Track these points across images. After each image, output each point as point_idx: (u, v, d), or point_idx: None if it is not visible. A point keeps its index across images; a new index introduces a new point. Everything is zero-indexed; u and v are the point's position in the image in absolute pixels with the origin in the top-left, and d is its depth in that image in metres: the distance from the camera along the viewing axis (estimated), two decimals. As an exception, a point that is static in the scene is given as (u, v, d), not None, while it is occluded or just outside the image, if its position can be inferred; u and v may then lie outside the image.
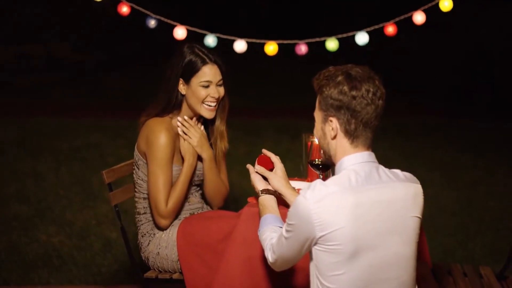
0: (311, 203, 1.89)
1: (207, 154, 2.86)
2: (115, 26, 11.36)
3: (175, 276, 2.82)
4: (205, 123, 2.95)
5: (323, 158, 2.13)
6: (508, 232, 4.58)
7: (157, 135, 2.72)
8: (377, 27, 3.71)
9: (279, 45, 3.67)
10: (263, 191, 2.38)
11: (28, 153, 6.23)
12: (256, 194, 2.42)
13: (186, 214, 2.91)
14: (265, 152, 2.48)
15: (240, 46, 3.68)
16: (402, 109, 8.89)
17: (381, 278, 1.95)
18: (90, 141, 6.74)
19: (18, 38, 11.05)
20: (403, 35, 4.27)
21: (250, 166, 2.47)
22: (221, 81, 2.83)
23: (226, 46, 3.59)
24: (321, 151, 2.16)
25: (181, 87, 2.82)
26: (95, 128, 7.26)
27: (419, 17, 3.73)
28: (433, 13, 3.73)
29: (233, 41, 3.70)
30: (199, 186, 3.00)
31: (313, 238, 1.91)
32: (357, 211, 1.89)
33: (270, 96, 9.78)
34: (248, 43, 3.68)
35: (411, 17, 3.75)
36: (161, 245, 2.81)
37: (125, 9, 3.75)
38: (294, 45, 3.71)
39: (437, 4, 3.70)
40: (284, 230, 1.99)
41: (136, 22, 4.20)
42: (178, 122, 2.83)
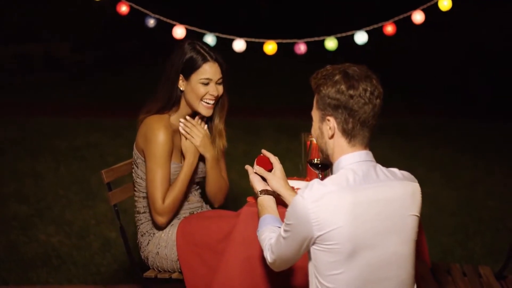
0: (308, 202, 1.89)
1: (210, 154, 2.86)
2: (115, 25, 11.35)
3: (174, 276, 2.83)
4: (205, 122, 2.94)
5: (322, 157, 2.13)
6: (507, 232, 4.58)
7: (155, 132, 2.72)
8: (376, 26, 3.71)
9: (278, 44, 3.67)
10: (262, 191, 2.39)
11: (28, 153, 6.22)
12: (255, 195, 2.43)
13: (186, 213, 2.91)
14: (264, 152, 2.48)
15: (239, 45, 3.68)
16: (402, 109, 8.88)
17: (380, 277, 1.95)
18: (90, 140, 6.73)
19: (18, 38, 11.04)
20: (402, 34, 4.27)
21: (249, 167, 2.47)
22: (220, 80, 2.82)
23: (225, 46, 3.59)
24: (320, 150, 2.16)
25: (181, 83, 2.81)
26: (94, 128, 7.25)
27: (418, 17, 3.74)
28: (432, 12, 3.73)
29: (232, 40, 3.70)
30: (199, 185, 3.00)
31: (311, 238, 1.91)
32: (355, 210, 1.89)
33: (269, 95, 9.77)
34: (247, 42, 3.68)
35: (410, 16, 3.75)
36: (161, 244, 2.81)
37: (124, 8, 3.76)
38: (293, 44, 3.71)
39: (436, 3, 3.70)
40: (282, 230, 1.99)
41: (135, 21, 4.20)
42: (181, 123, 2.82)
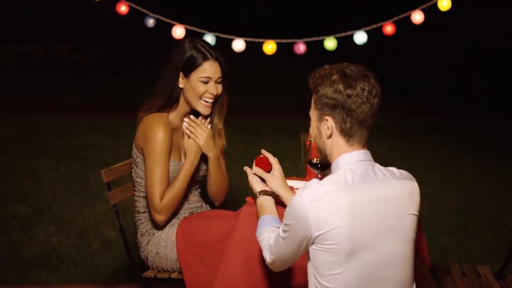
0: (307, 202, 1.89)
1: (213, 153, 2.86)
2: (114, 25, 11.35)
3: (173, 276, 2.83)
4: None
5: (320, 157, 2.13)
6: (507, 232, 4.58)
7: (154, 130, 2.72)
8: (375, 26, 3.71)
9: (278, 44, 3.68)
10: (261, 192, 2.39)
11: (28, 153, 6.22)
12: (254, 195, 2.43)
13: (186, 213, 2.91)
14: (263, 153, 2.48)
15: (239, 45, 3.68)
16: (402, 108, 8.88)
17: (379, 277, 1.95)
18: (90, 140, 6.73)
19: (18, 38, 11.04)
20: (402, 34, 4.27)
21: (247, 168, 2.47)
22: (220, 79, 2.82)
23: (224, 45, 3.59)
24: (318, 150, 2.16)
25: (180, 81, 2.80)
26: (94, 128, 7.25)
27: (417, 17, 3.74)
28: (431, 12, 3.74)
29: (232, 40, 3.70)
30: (199, 184, 3.00)
31: (310, 238, 1.91)
32: (353, 210, 1.89)
33: (268, 95, 9.77)
34: (247, 42, 3.68)
35: (409, 16, 3.75)
36: (160, 244, 2.81)
37: (123, 8, 3.76)
38: (293, 44, 3.71)
39: (436, 3, 3.70)
40: (281, 230, 1.99)
41: (135, 21, 4.20)
42: (185, 122, 2.81)
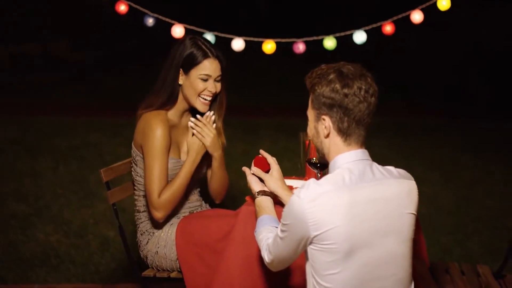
0: (305, 202, 1.89)
1: (218, 153, 2.86)
2: (114, 25, 11.34)
3: (173, 275, 2.83)
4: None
5: (318, 156, 2.13)
6: (506, 231, 4.58)
7: (153, 127, 2.72)
8: (375, 26, 3.71)
9: (277, 43, 3.68)
10: (259, 192, 2.38)
11: (27, 152, 6.22)
12: (253, 195, 2.43)
13: (186, 212, 2.91)
14: (262, 153, 2.48)
15: (238, 44, 3.68)
16: (401, 108, 8.88)
17: (377, 276, 1.95)
18: (89, 140, 6.73)
19: (17, 38, 11.03)
20: (401, 34, 4.27)
21: (246, 168, 2.47)
22: (219, 77, 2.82)
23: (224, 45, 3.59)
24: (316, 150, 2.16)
25: (179, 77, 2.81)
26: (93, 127, 7.25)
27: (417, 16, 3.74)
28: (431, 12, 3.74)
29: (231, 39, 3.70)
30: (199, 183, 3.00)
31: (308, 238, 1.91)
32: (351, 209, 1.89)
33: (268, 94, 9.77)
34: (246, 41, 3.68)
35: (409, 16, 3.75)
36: (160, 244, 2.81)
37: (123, 7, 3.76)
38: (292, 43, 3.71)
39: (435, 3, 3.70)
40: (279, 230, 1.99)
41: (134, 20, 4.20)
42: (191, 123, 2.80)
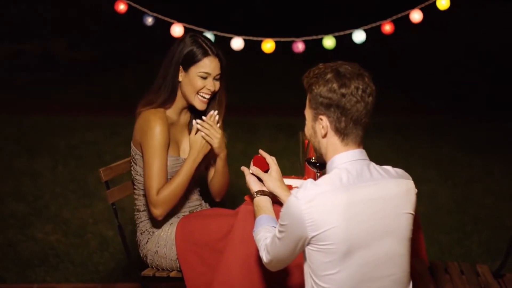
0: (302, 203, 1.88)
1: (224, 153, 2.87)
2: (113, 24, 11.32)
3: (172, 274, 2.83)
4: (200, 117, 2.93)
5: (316, 156, 2.13)
6: (504, 230, 4.58)
7: (152, 124, 2.71)
8: (374, 25, 3.71)
9: (276, 42, 3.67)
10: (258, 192, 2.38)
11: (25, 151, 6.22)
12: (251, 195, 2.42)
13: (186, 212, 2.90)
14: (261, 152, 2.48)
15: (237, 43, 3.68)
16: (401, 107, 8.88)
17: (375, 276, 1.95)
18: (87, 139, 6.72)
19: (15, 36, 11.02)
20: (401, 33, 4.27)
21: (245, 168, 2.46)
22: (219, 75, 2.82)
23: (223, 44, 3.58)
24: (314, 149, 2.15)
25: (179, 74, 2.81)
26: (92, 126, 7.24)
27: (416, 16, 3.74)
28: (430, 11, 3.74)
29: (230, 38, 3.69)
30: (199, 182, 3.00)
31: (306, 238, 1.91)
32: (349, 210, 1.89)
33: (267, 94, 9.76)
34: (245, 40, 3.68)
35: (408, 15, 3.75)
36: (160, 243, 2.81)
37: (122, 6, 3.75)
38: (291, 43, 3.71)
39: (434, 2, 3.70)
40: (277, 230, 1.99)
41: (133, 19, 4.19)
42: (198, 125, 2.77)
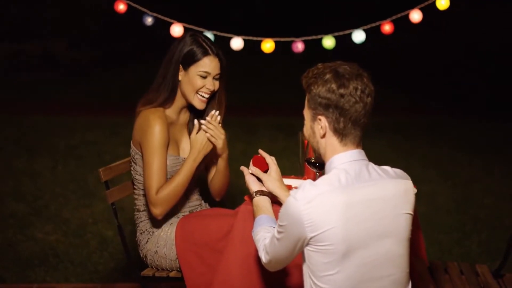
0: (301, 204, 1.88)
1: (226, 153, 2.87)
2: (112, 23, 11.32)
3: (172, 274, 2.83)
4: (199, 116, 2.93)
5: (314, 156, 2.13)
6: (504, 230, 4.58)
7: (151, 123, 2.72)
8: (374, 25, 3.71)
9: (276, 42, 3.68)
10: (257, 192, 2.38)
11: (25, 151, 6.22)
12: (250, 195, 2.42)
13: (186, 212, 2.91)
14: (261, 152, 2.48)
15: (237, 43, 3.68)
16: (401, 107, 8.89)
17: (374, 277, 1.95)
18: (87, 139, 6.73)
19: (15, 36, 11.02)
20: (400, 33, 4.28)
21: (244, 168, 2.46)
22: (218, 75, 2.82)
23: (223, 44, 3.59)
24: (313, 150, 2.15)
25: (179, 73, 2.81)
26: (92, 126, 7.24)
27: (416, 16, 3.74)
28: (430, 11, 3.74)
29: (230, 38, 3.69)
30: (198, 182, 3.00)
31: (305, 239, 1.91)
32: (348, 210, 1.88)
33: (267, 94, 9.76)
34: (245, 40, 3.68)
35: (408, 15, 3.75)
36: (160, 243, 2.81)
37: (121, 6, 3.75)
38: (291, 42, 3.71)
39: (434, 2, 3.70)
40: (276, 231, 1.99)
41: (133, 19, 4.20)
42: (203, 126, 2.77)
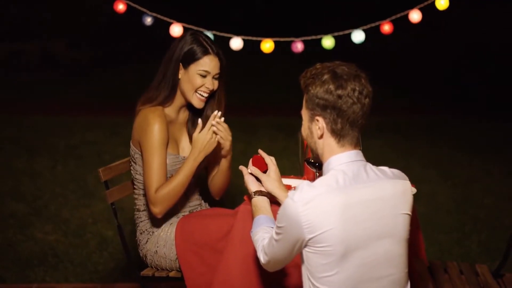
0: (299, 205, 1.88)
1: (230, 155, 2.87)
2: (112, 23, 11.33)
3: (171, 274, 2.83)
4: (197, 115, 2.93)
5: (312, 156, 2.12)
6: (504, 230, 4.58)
7: (150, 122, 2.72)
8: (373, 25, 3.71)
9: (275, 42, 3.68)
10: (256, 192, 2.37)
11: (25, 151, 6.22)
12: (249, 195, 2.42)
13: (186, 211, 2.91)
14: (260, 152, 2.47)
15: (237, 43, 3.68)
16: (400, 107, 8.89)
17: (373, 277, 1.95)
18: (87, 138, 6.73)
19: (15, 36, 11.02)
20: (400, 33, 4.28)
21: (243, 167, 2.46)
22: (218, 75, 2.83)
23: (222, 44, 3.59)
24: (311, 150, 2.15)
25: (179, 72, 2.81)
26: (92, 126, 7.25)
27: (415, 16, 3.74)
28: (429, 11, 3.74)
29: (229, 38, 3.69)
30: (198, 182, 3.00)
31: (303, 240, 1.90)
32: (346, 211, 1.88)
33: (266, 94, 9.76)
34: (244, 40, 3.68)
35: (407, 15, 3.75)
36: (159, 243, 2.81)
37: (121, 6, 3.75)
38: (290, 42, 3.71)
39: (433, 2, 3.70)
40: (274, 232, 1.98)
41: (133, 19, 4.20)
42: (213, 127, 2.75)
